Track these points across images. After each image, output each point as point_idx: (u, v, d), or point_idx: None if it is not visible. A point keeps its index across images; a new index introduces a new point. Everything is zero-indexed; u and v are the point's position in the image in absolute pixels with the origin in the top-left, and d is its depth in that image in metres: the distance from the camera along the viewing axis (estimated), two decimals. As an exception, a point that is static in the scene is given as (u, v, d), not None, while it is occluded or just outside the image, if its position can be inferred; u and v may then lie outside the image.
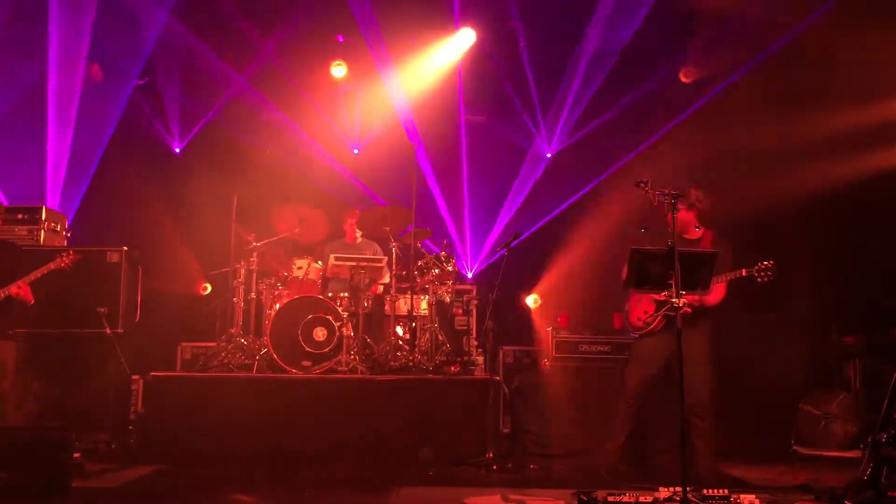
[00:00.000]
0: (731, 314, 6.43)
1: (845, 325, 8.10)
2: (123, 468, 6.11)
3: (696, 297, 5.65)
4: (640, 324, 6.03)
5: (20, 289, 6.07)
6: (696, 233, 5.99)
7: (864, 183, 7.94)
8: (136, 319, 7.47)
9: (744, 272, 5.65)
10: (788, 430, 7.60)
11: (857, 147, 7.95)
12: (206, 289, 9.00)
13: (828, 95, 7.94)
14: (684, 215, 5.87)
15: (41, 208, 7.53)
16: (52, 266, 6.36)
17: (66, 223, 7.93)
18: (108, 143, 9.24)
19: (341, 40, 9.51)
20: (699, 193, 5.95)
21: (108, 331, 6.90)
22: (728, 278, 5.72)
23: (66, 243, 7.72)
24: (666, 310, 5.73)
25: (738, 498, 4.73)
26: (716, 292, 5.76)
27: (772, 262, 5.57)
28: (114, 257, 7.21)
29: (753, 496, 4.76)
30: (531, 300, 9.07)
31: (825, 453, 7.28)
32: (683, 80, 9.27)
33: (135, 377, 7.32)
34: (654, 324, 5.93)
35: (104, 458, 6.47)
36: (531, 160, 9.93)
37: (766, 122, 8.35)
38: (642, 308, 6.04)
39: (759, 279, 5.59)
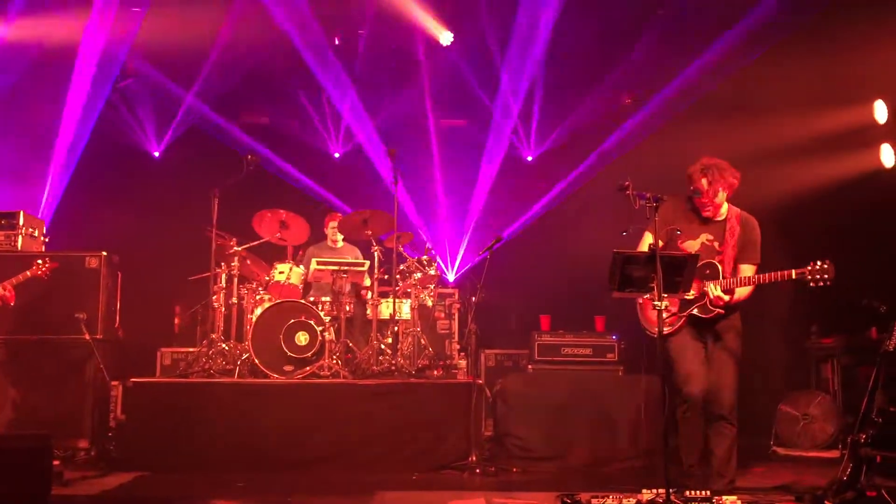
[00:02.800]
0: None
1: (823, 326, 8.18)
2: (103, 475, 6.05)
3: (727, 299, 5.16)
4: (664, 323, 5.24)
5: (5, 290, 6.09)
6: (722, 214, 5.44)
7: (841, 185, 8.03)
8: (116, 325, 7.40)
9: (793, 274, 4.91)
10: (768, 430, 7.67)
11: (834, 149, 8.04)
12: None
13: (806, 98, 8.03)
14: (719, 196, 5.35)
15: (19, 213, 7.43)
16: (28, 274, 6.35)
17: (44, 228, 7.84)
18: (86, 146, 9.18)
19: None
20: (731, 171, 5.36)
21: (87, 337, 6.82)
22: (769, 280, 5.05)
23: (43, 248, 7.64)
24: (691, 311, 5.29)
25: (720, 499, 4.75)
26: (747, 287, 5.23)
27: (829, 262, 4.81)
28: (92, 262, 7.14)
29: (735, 497, 4.79)
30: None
31: (804, 454, 7.35)
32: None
33: (114, 383, 7.24)
34: (679, 324, 5.36)
35: (83, 466, 6.41)
36: (512, 163, 9.97)
37: (743, 123, 8.42)
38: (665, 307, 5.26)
39: (812, 283, 4.82)
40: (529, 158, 9.96)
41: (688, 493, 4.72)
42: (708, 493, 4.75)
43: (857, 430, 4.98)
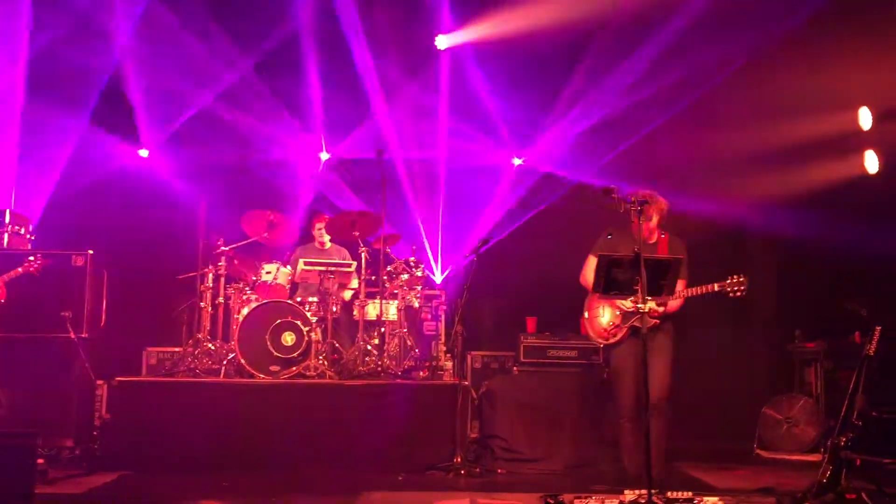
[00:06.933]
0: (695, 320, 6.53)
1: (807, 330, 8.25)
2: (88, 474, 6.06)
3: (661, 310, 5.71)
4: (606, 335, 6.01)
5: None
6: (654, 237, 6.00)
7: (825, 191, 8.10)
8: (101, 324, 7.38)
9: (715, 287, 5.53)
10: (751, 433, 7.73)
11: (820, 156, 8.11)
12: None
13: (791, 105, 8.09)
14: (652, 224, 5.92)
15: (5, 211, 7.42)
16: (20, 270, 6.37)
17: (31, 226, 7.83)
18: (75, 145, 9.16)
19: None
20: (666, 203, 5.95)
21: (72, 335, 6.81)
22: (697, 293, 5.65)
23: (30, 247, 7.62)
24: (633, 321, 5.76)
25: (702, 500, 4.80)
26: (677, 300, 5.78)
27: (744, 276, 5.44)
28: (79, 261, 7.11)
29: (717, 499, 4.83)
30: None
31: (787, 457, 7.41)
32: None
33: (100, 382, 7.24)
34: (621, 335, 5.93)
35: (68, 465, 6.41)
36: (501, 167, 10.00)
37: (729, 132, 8.49)
38: (609, 320, 6.02)
39: (731, 294, 5.46)
40: (518, 162, 9.99)
41: (669, 493, 4.76)
42: (690, 493, 4.80)
43: (837, 434, 5.04)
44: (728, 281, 5.46)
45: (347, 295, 8.08)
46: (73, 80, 8.97)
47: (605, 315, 6.03)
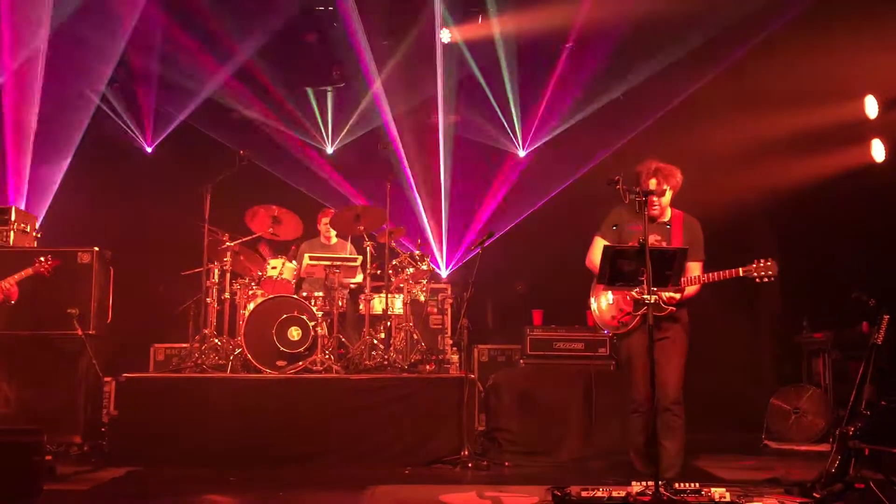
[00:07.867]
0: (702, 310, 6.48)
1: (815, 321, 8.22)
2: (96, 470, 6.07)
3: (678, 297, 5.35)
4: (615, 323, 5.60)
5: (10, 287, 6.14)
6: (667, 215, 5.63)
7: (831, 180, 8.06)
8: (108, 321, 7.41)
9: (740, 272, 5.16)
10: (759, 424, 7.71)
11: (826, 144, 8.07)
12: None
13: (798, 94, 8.05)
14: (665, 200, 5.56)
15: (11, 209, 7.44)
16: (30, 271, 6.40)
17: (37, 224, 7.85)
18: (79, 142, 9.18)
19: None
20: (681, 175, 5.58)
21: (79, 332, 6.84)
22: (718, 278, 5.25)
23: (36, 244, 7.64)
24: (646, 309, 5.28)
25: (709, 492, 4.76)
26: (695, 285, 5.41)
27: (773, 260, 5.09)
28: (85, 258, 7.14)
29: (724, 489, 4.79)
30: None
31: (795, 447, 7.39)
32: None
33: (107, 379, 7.25)
34: (633, 323, 5.51)
35: (76, 461, 6.43)
36: (506, 159, 9.99)
37: (735, 121, 8.45)
38: (617, 307, 5.60)
39: (758, 279, 5.12)
40: (522, 154, 9.97)
41: (677, 485, 4.73)
42: (697, 484, 4.76)
43: (845, 423, 5.01)
44: (754, 265, 5.13)
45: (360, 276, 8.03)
46: (78, 74, 8.99)
47: (613, 301, 5.64)
